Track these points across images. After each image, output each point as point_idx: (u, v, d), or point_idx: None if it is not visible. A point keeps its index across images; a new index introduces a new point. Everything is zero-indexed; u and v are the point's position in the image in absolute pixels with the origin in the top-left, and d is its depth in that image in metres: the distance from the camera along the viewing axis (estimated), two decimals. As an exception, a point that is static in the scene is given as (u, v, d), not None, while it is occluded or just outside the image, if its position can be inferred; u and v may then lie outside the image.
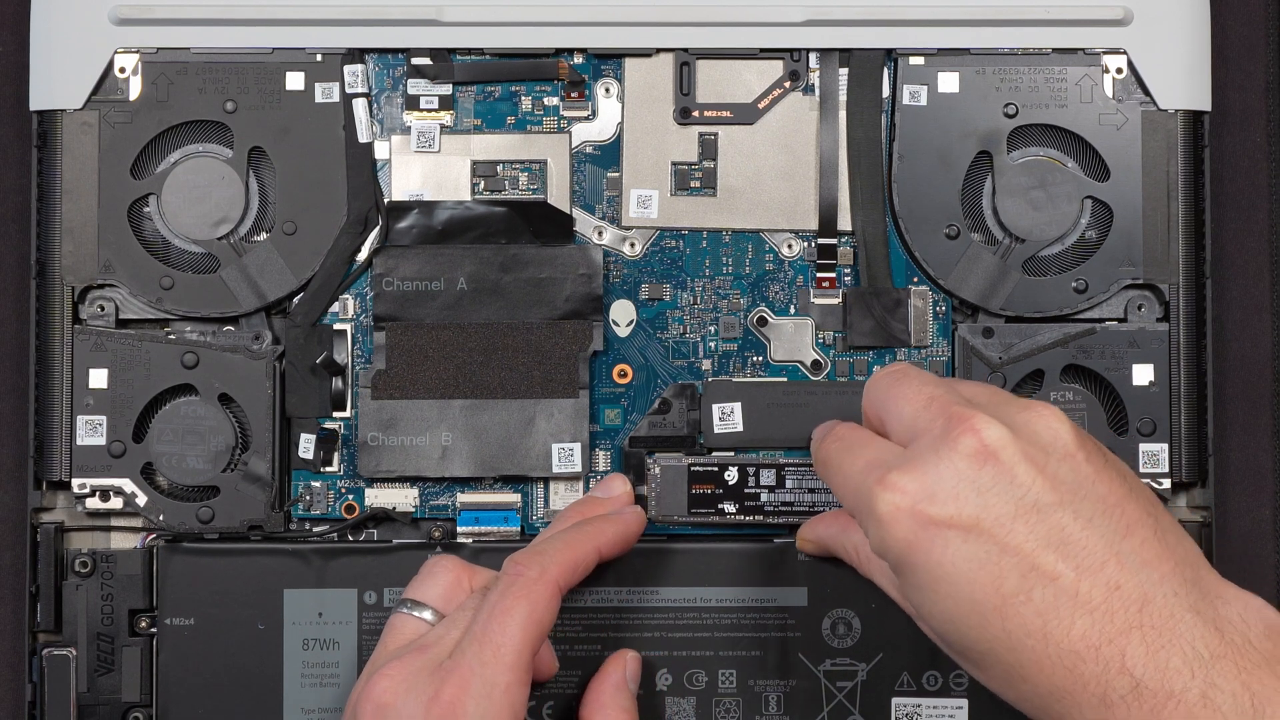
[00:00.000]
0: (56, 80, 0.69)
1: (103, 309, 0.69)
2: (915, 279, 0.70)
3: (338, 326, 0.70)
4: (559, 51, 0.70)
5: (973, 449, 0.55)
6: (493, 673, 0.57)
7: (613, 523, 0.64)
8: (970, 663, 0.56)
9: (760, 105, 0.70)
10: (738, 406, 0.69)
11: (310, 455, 0.69)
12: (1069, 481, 0.55)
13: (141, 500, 0.68)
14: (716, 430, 0.69)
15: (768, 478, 0.69)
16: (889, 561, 0.56)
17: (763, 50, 0.70)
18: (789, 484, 0.69)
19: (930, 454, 0.55)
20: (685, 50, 0.70)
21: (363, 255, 0.70)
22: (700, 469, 0.69)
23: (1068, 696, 0.53)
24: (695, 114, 0.70)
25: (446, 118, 0.70)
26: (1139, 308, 0.70)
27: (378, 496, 0.69)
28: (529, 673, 0.58)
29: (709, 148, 0.70)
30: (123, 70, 0.69)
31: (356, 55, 0.70)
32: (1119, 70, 0.70)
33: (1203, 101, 0.70)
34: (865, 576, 0.64)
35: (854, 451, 0.59)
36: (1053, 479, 0.54)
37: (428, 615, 0.61)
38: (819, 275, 0.70)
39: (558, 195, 0.70)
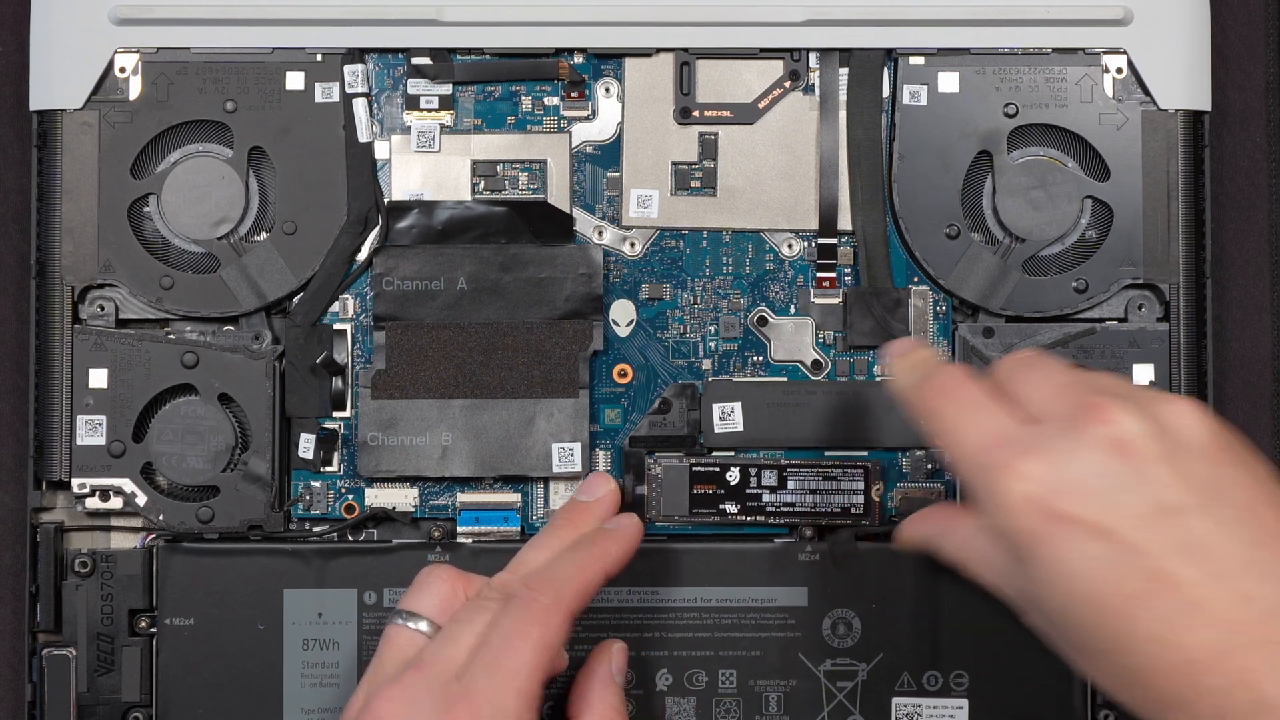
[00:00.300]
0: (56, 80, 0.69)
1: (103, 309, 0.69)
2: (915, 279, 0.70)
3: (338, 326, 0.70)
4: (559, 51, 0.70)
5: (1107, 440, 0.53)
6: (504, 699, 0.56)
7: (616, 541, 0.62)
8: (1086, 660, 0.54)
9: (760, 105, 0.70)
10: (738, 406, 0.69)
11: (310, 455, 0.69)
12: (1205, 482, 0.52)
13: (141, 500, 0.68)
14: (717, 430, 0.69)
15: (769, 478, 0.69)
16: (1007, 548, 0.54)
17: (763, 50, 0.70)
18: (791, 484, 0.69)
19: (1061, 440, 0.53)
20: (685, 50, 0.70)
21: (363, 255, 0.70)
22: (702, 469, 0.69)
23: (1185, 707, 0.51)
24: (695, 114, 0.70)
25: (446, 118, 0.70)
26: (1139, 308, 0.70)
27: (378, 496, 0.69)
28: (540, 700, 0.57)
29: (709, 148, 0.70)
30: (123, 70, 0.69)
31: (356, 55, 0.70)
32: (1119, 70, 0.70)
33: (1203, 101, 0.70)
34: (967, 576, 0.60)
35: (972, 417, 0.56)
36: (1188, 478, 0.52)
37: (424, 626, 0.59)
38: (819, 275, 0.70)
39: (558, 195, 0.70)
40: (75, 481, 0.68)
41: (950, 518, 0.61)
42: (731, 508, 0.69)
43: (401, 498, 0.69)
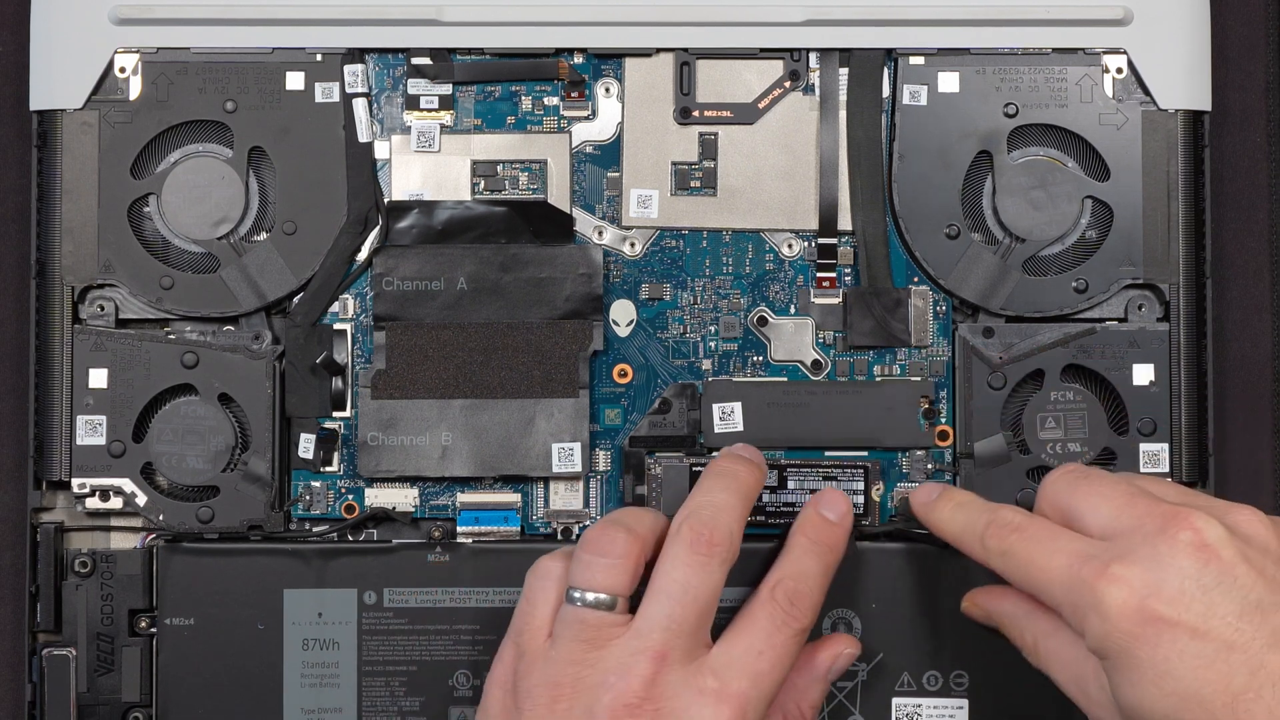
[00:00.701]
0: (56, 80, 0.69)
1: (103, 309, 0.69)
2: (915, 279, 0.70)
3: (338, 326, 0.70)
4: (559, 51, 0.70)
5: (1195, 546, 0.55)
6: (761, 709, 0.59)
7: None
8: None
9: (760, 105, 0.70)
10: (738, 406, 0.69)
11: (310, 455, 0.69)
12: None
13: (141, 500, 0.68)
14: (717, 430, 0.69)
15: (769, 478, 0.69)
16: (1107, 656, 0.55)
17: (763, 50, 0.70)
18: (791, 484, 0.69)
19: (1149, 549, 0.55)
20: (685, 50, 0.70)
21: (363, 255, 0.70)
22: (702, 469, 0.69)
23: None
24: (695, 114, 0.70)
25: (446, 117, 0.70)
26: (1139, 308, 0.70)
27: (378, 496, 0.69)
28: None
29: (709, 148, 0.70)
30: (123, 70, 0.69)
31: (356, 55, 0.70)
32: (1119, 70, 0.70)
33: (1203, 101, 0.70)
34: (1036, 666, 0.61)
35: (1048, 543, 0.58)
36: (1271, 580, 0.55)
37: (617, 608, 0.60)
38: (819, 275, 0.70)
39: (558, 195, 0.70)
40: (75, 481, 0.68)
41: (1034, 606, 0.61)
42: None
43: (401, 498, 0.69)
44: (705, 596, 0.59)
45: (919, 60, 0.70)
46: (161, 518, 0.68)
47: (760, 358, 0.70)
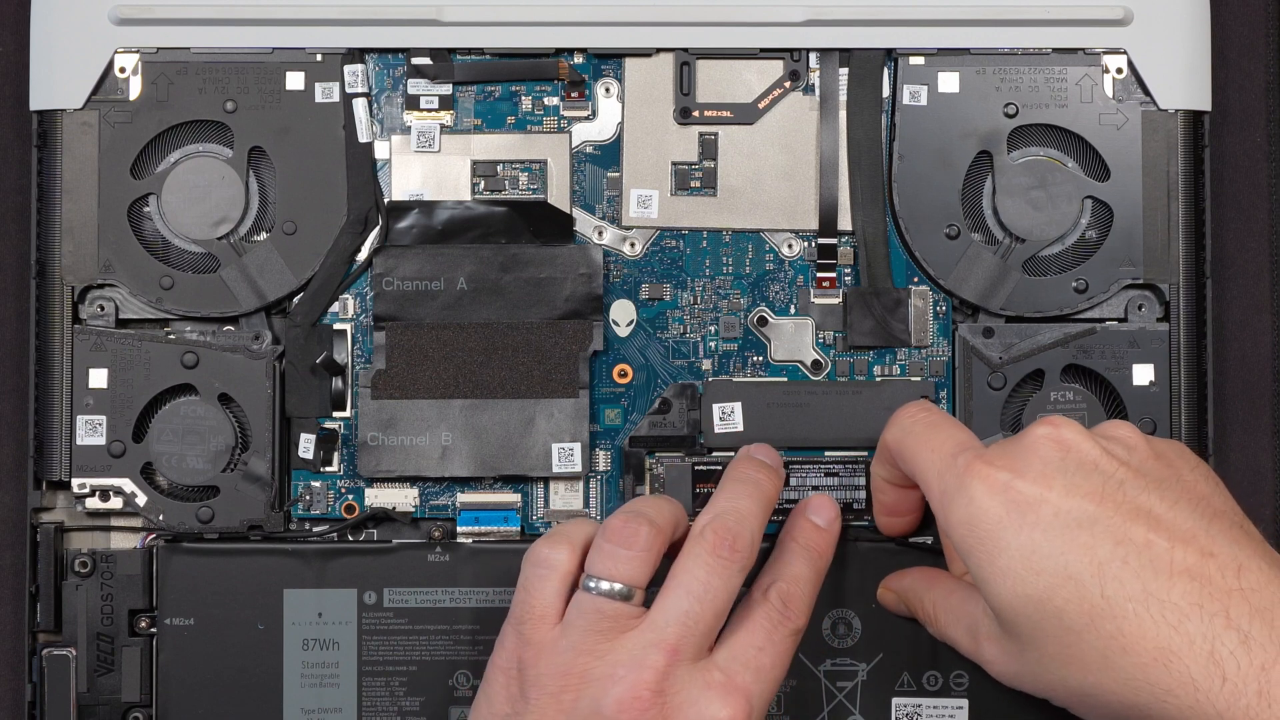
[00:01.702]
0: (56, 80, 0.69)
1: (103, 309, 0.69)
2: (915, 279, 0.70)
3: (338, 326, 0.70)
4: (559, 51, 0.70)
5: (1054, 440, 0.58)
6: (765, 706, 0.61)
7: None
8: (1062, 656, 0.57)
9: (760, 105, 0.70)
10: (738, 406, 0.69)
11: (310, 455, 0.69)
12: (1152, 473, 0.58)
13: (141, 500, 0.68)
14: (717, 430, 0.69)
15: (769, 477, 0.69)
16: (973, 550, 0.57)
17: (763, 50, 0.70)
18: (793, 481, 0.69)
19: (1015, 446, 0.59)
20: (685, 50, 0.70)
21: (363, 255, 0.70)
22: (704, 468, 0.69)
23: (1175, 659, 0.54)
24: (695, 114, 0.70)
25: (446, 118, 0.70)
26: (1139, 308, 0.70)
27: (378, 496, 0.69)
28: None
29: (709, 148, 0.70)
30: (123, 70, 0.69)
31: (356, 55, 0.70)
32: (1119, 70, 0.70)
33: (1203, 101, 0.70)
34: (939, 637, 0.65)
35: (941, 431, 0.61)
36: (1136, 469, 0.58)
37: (634, 600, 0.60)
38: (819, 275, 0.70)
39: (558, 195, 0.70)
40: (75, 481, 0.68)
41: (933, 578, 0.66)
42: (732, 507, 0.69)
43: (401, 498, 0.69)
44: (722, 599, 0.60)
45: (919, 60, 0.70)
46: (161, 518, 0.68)
47: (760, 358, 0.70)
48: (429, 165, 0.70)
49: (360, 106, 0.70)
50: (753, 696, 0.59)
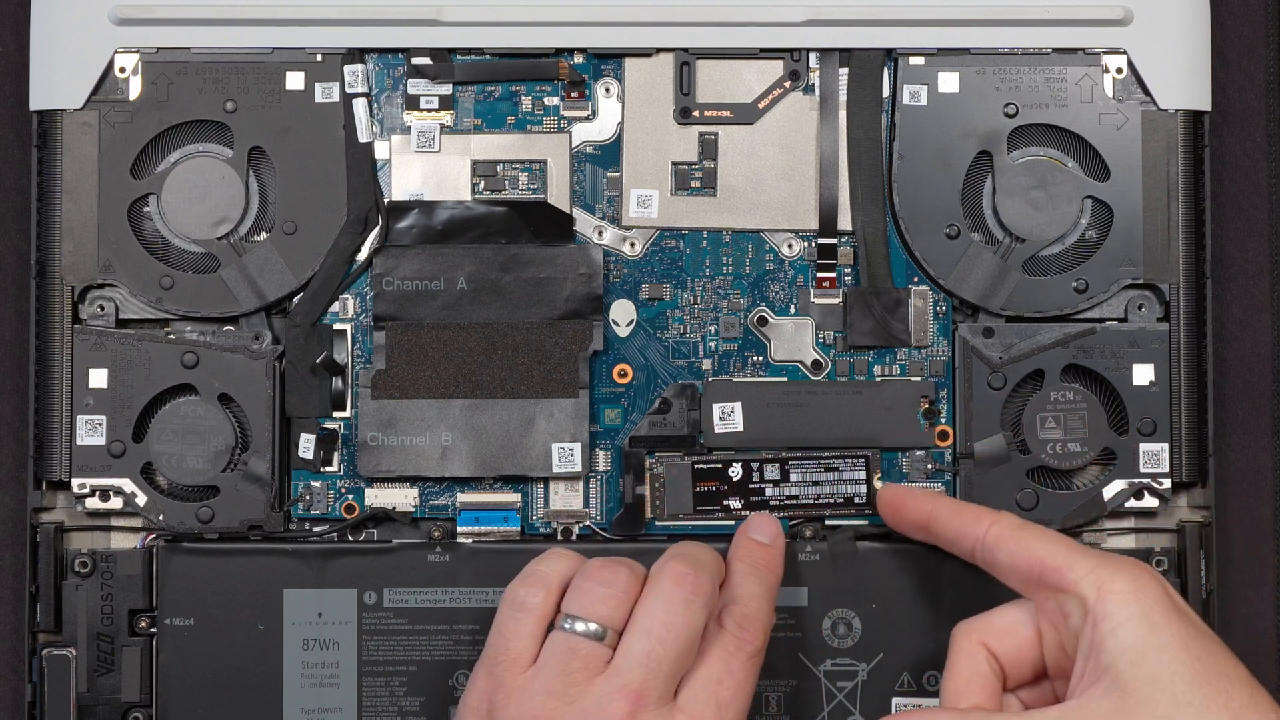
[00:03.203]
0: (56, 80, 0.69)
1: (103, 309, 0.69)
2: (915, 279, 0.70)
3: (338, 326, 0.70)
4: (559, 51, 0.70)
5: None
6: None
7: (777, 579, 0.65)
8: None
9: (760, 105, 0.70)
10: (738, 406, 0.69)
11: (310, 455, 0.69)
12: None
13: (141, 500, 0.68)
14: (717, 430, 0.69)
15: (772, 472, 0.69)
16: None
17: (763, 50, 0.70)
18: (793, 477, 0.69)
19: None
20: (685, 50, 0.70)
21: (363, 255, 0.70)
22: (704, 466, 0.69)
23: None
24: (695, 114, 0.70)
25: (446, 118, 0.70)
26: (1139, 308, 0.70)
27: (378, 496, 0.69)
28: None
29: (709, 148, 0.70)
30: (123, 70, 0.69)
31: (356, 55, 0.70)
32: (1119, 70, 0.70)
33: (1203, 101, 0.70)
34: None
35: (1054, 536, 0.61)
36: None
37: (606, 641, 0.60)
38: (819, 275, 0.70)
39: (558, 195, 0.70)
40: (75, 481, 0.68)
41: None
42: (735, 503, 0.69)
43: (401, 498, 0.69)
44: (684, 637, 0.60)
45: (919, 60, 0.70)
46: (161, 518, 0.68)
47: (760, 358, 0.70)
48: (429, 165, 0.70)
49: (360, 106, 0.70)
50: None
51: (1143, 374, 0.69)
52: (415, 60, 0.70)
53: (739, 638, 0.61)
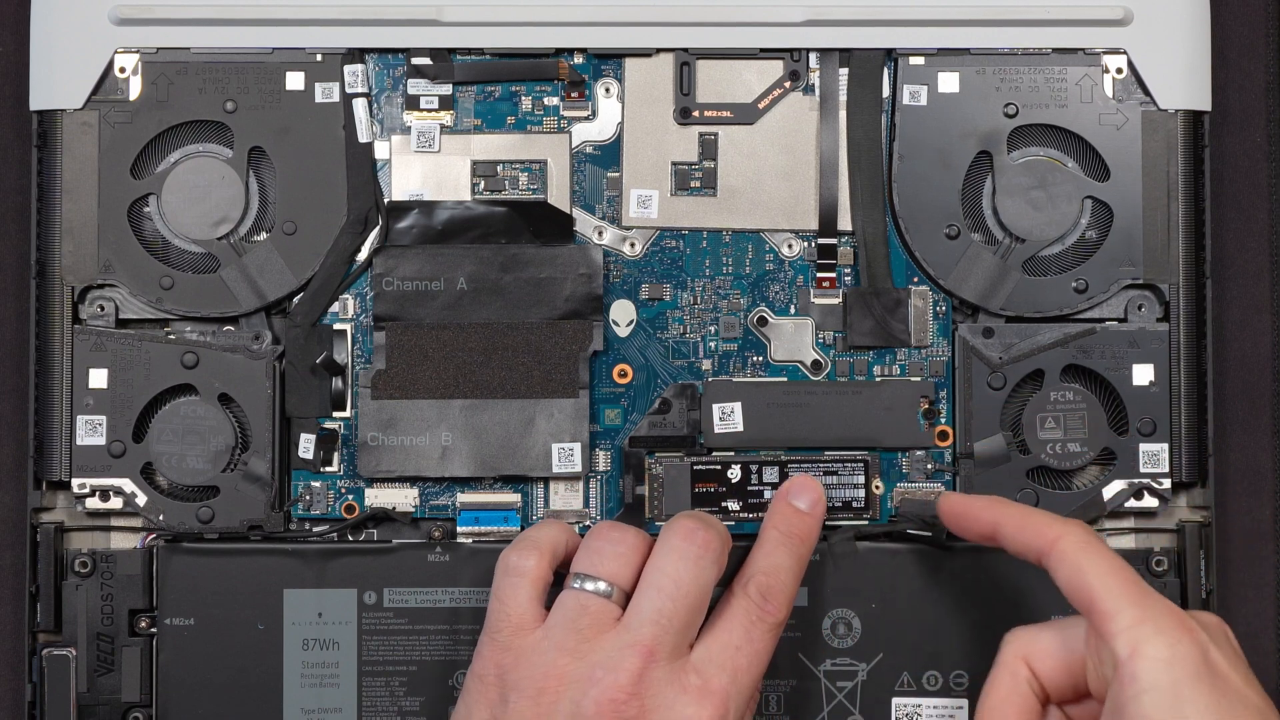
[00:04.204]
0: (56, 80, 0.69)
1: (103, 309, 0.69)
2: (915, 279, 0.70)
3: (338, 326, 0.70)
4: (559, 51, 0.70)
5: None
6: (738, 706, 0.60)
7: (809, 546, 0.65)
8: None
9: (760, 105, 0.70)
10: (738, 406, 0.69)
11: (310, 455, 0.69)
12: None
13: (141, 500, 0.68)
14: (717, 430, 0.69)
15: (771, 474, 0.69)
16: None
17: (763, 50, 0.70)
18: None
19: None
20: (685, 50, 0.70)
21: (363, 255, 0.70)
22: (703, 467, 0.69)
23: None
24: (695, 114, 0.70)
25: (446, 118, 0.70)
26: (1139, 308, 0.70)
27: (378, 496, 0.69)
28: None
29: (709, 148, 0.70)
30: (123, 70, 0.69)
31: (356, 55, 0.70)
32: (1119, 70, 0.70)
33: (1203, 101, 0.70)
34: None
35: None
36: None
37: (613, 594, 0.60)
38: (819, 275, 0.70)
39: (558, 195, 0.70)
40: (75, 481, 0.68)
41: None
42: (734, 505, 0.69)
43: (401, 498, 0.69)
44: (694, 593, 0.60)
45: (919, 60, 0.70)
46: (161, 518, 0.68)
47: (760, 358, 0.70)
48: (429, 165, 0.70)
49: (360, 106, 0.70)
50: (729, 698, 0.59)
51: (1142, 374, 0.69)
52: (415, 60, 0.70)
53: (762, 609, 0.61)
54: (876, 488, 0.69)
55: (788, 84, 0.70)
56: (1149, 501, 0.69)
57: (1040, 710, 0.60)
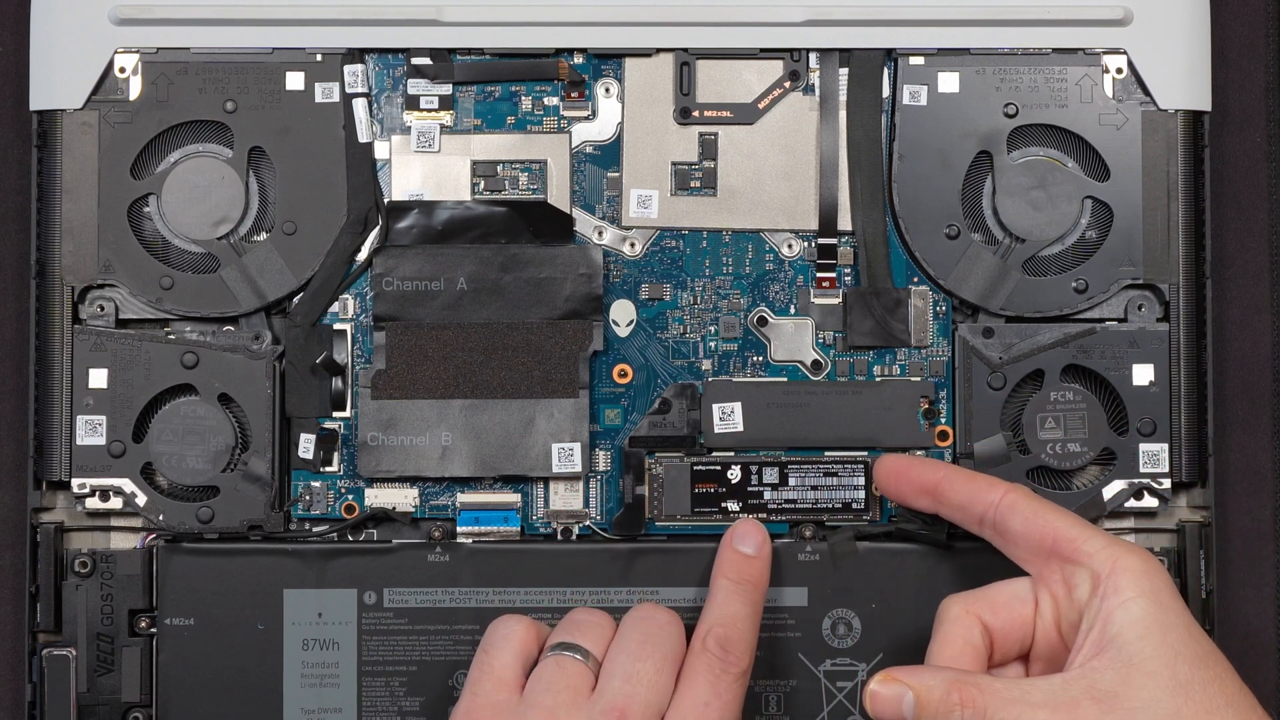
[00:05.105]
0: (56, 80, 0.69)
1: (103, 309, 0.69)
2: (915, 279, 0.70)
3: (338, 326, 0.70)
4: (559, 51, 0.70)
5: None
6: None
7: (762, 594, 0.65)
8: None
9: (760, 105, 0.70)
10: (738, 406, 0.69)
11: (310, 455, 0.69)
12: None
13: (141, 500, 0.68)
14: (717, 430, 0.69)
15: (771, 475, 0.69)
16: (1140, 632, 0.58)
17: (763, 50, 0.70)
18: (792, 481, 0.69)
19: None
20: (685, 50, 0.70)
21: (363, 255, 0.70)
22: (703, 468, 0.69)
23: None
24: (695, 114, 0.70)
25: (446, 118, 0.70)
26: (1139, 308, 0.70)
27: (378, 496, 0.69)
28: None
29: (709, 148, 0.70)
30: (123, 70, 0.69)
31: (356, 55, 0.70)
32: (1119, 70, 0.70)
33: (1203, 101, 0.70)
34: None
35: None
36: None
37: (590, 663, 0.62)
38: (819, 275, 0.70)
39: (558, 195, 0.70)
40: (75, 481, 0.68)
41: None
42: (734, 506, 0.69)
43: (401, 498, 0.69)
44: (660, 653, 0.62)
45: (919, 60, 0.70)
46: (161, 518, 0.68)
47: (760, 358, 0.70)
48: (429, 165, 0.70)
49: (360, 106, 0.70)
50: None
51: (1142, 374, 0.69)
52: (415, 60, 0.70)
53: (723, 661, 0.62)
54: (876, 489, 0.69)
55: (788, 84, 0.70)
56: (1149, 501, 0.69)
57: (988, 666, 0.61)
